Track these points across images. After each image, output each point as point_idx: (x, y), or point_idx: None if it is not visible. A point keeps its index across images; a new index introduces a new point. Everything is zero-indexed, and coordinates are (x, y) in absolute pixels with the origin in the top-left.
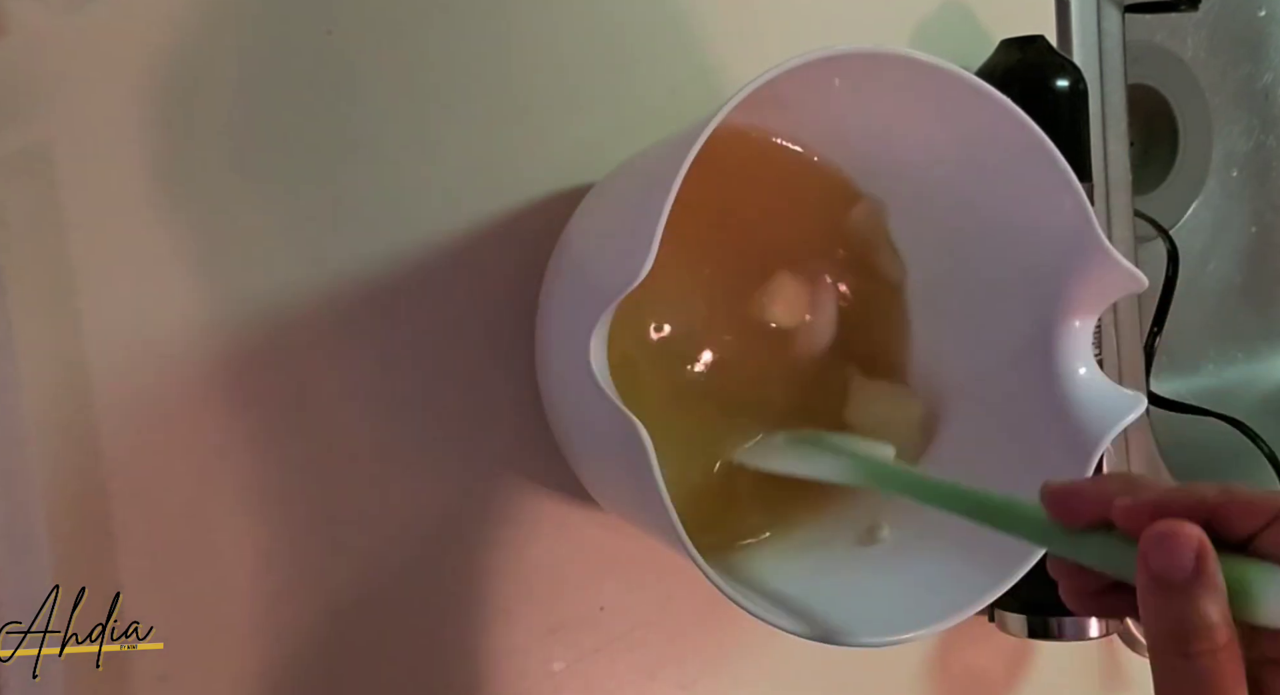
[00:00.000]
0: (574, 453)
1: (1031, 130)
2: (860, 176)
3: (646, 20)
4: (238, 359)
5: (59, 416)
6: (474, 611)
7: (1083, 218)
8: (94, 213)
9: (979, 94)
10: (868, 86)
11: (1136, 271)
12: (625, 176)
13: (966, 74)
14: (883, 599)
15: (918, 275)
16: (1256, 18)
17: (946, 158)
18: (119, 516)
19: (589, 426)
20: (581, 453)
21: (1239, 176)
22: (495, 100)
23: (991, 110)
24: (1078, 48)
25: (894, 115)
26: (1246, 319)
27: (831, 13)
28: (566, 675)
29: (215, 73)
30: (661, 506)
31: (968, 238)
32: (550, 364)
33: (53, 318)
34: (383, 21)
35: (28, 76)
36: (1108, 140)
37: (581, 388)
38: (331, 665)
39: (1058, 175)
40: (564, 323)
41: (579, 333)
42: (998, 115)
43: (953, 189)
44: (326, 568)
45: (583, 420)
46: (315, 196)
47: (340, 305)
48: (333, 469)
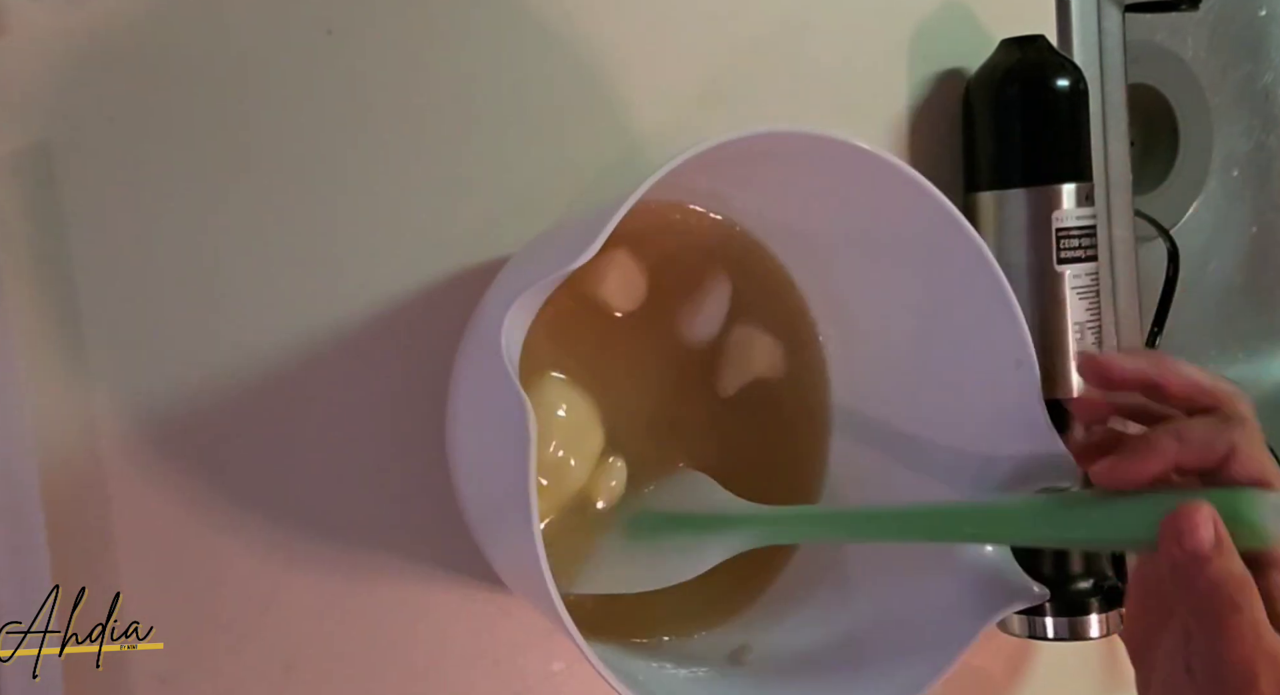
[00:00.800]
0: (475, 518)
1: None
2: (774, 244)
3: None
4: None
5: (59, 417)
6: (477, 610)
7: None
8: (94, 212)
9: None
10: (808, 169)
11: (1066, 455)
12: (542, 243)
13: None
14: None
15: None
16: (1257, 17)
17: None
18: (119, 517)
19: (489, 468)
20: (480, 510)
21: (1239, 176)
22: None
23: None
24: (1078, 47)
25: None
26: (1246, 319)
27: (831, 12)
28: (566, 675)
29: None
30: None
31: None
32: (459, 438)
33: (52, 318)
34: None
35: (28, 76)
36: (1108, 140)
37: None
38: (331, 664)
39: (1003, 307)
40: (476, 385)
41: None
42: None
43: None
44: (327, 565)
45: (486, 474)
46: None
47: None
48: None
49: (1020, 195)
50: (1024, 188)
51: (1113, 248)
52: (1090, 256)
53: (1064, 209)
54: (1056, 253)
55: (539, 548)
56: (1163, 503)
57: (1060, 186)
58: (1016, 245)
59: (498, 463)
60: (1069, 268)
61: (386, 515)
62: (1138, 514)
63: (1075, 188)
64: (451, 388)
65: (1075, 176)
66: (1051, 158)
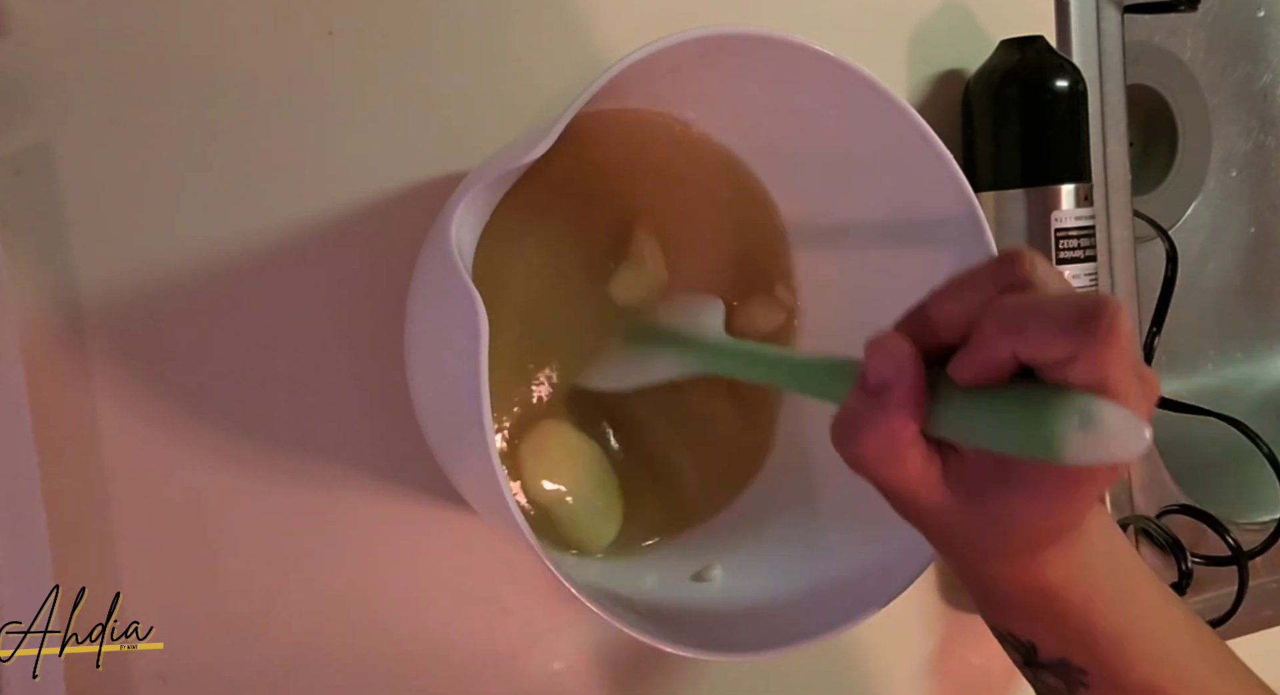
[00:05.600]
0: (433, 431)
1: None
2: (750, 157)
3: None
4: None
5: (61, 416)
6: (475, 608)
7: (967, 207)
8: (94, 212)
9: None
10: (737, 68)
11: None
12: (501, 151)
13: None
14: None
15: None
16: (1255, 18)
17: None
18: (119, 516)
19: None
20: (436, 421)
21: (1238, 176)
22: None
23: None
24: (1077, 48)
25: (770, 96)
26: (1246, 319)
27: (830, 13)
28: (566, 674)
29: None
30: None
31: (857, 226)
32: (417, 347)
33: (54, 318)
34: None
35: (28, 76)
36: (1107, 140)
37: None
38: (331, 665)
39: (941, 165)
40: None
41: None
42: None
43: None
44: (326, 565)
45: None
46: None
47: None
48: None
49: (1019, 195)
50: (1023, 188)
51: (1111, 248)
52: (1089, 257)
53: (1063, 209)
54: (1055, 253)
55: (493, 454)
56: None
57: (1059, 187)
58: (1016, 245)
59: (451, 365)
60: (1068, 268)
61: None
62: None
63: (1074, 188)
64: (409, 299)
65: (1074, 177)
66: (1050, 158)
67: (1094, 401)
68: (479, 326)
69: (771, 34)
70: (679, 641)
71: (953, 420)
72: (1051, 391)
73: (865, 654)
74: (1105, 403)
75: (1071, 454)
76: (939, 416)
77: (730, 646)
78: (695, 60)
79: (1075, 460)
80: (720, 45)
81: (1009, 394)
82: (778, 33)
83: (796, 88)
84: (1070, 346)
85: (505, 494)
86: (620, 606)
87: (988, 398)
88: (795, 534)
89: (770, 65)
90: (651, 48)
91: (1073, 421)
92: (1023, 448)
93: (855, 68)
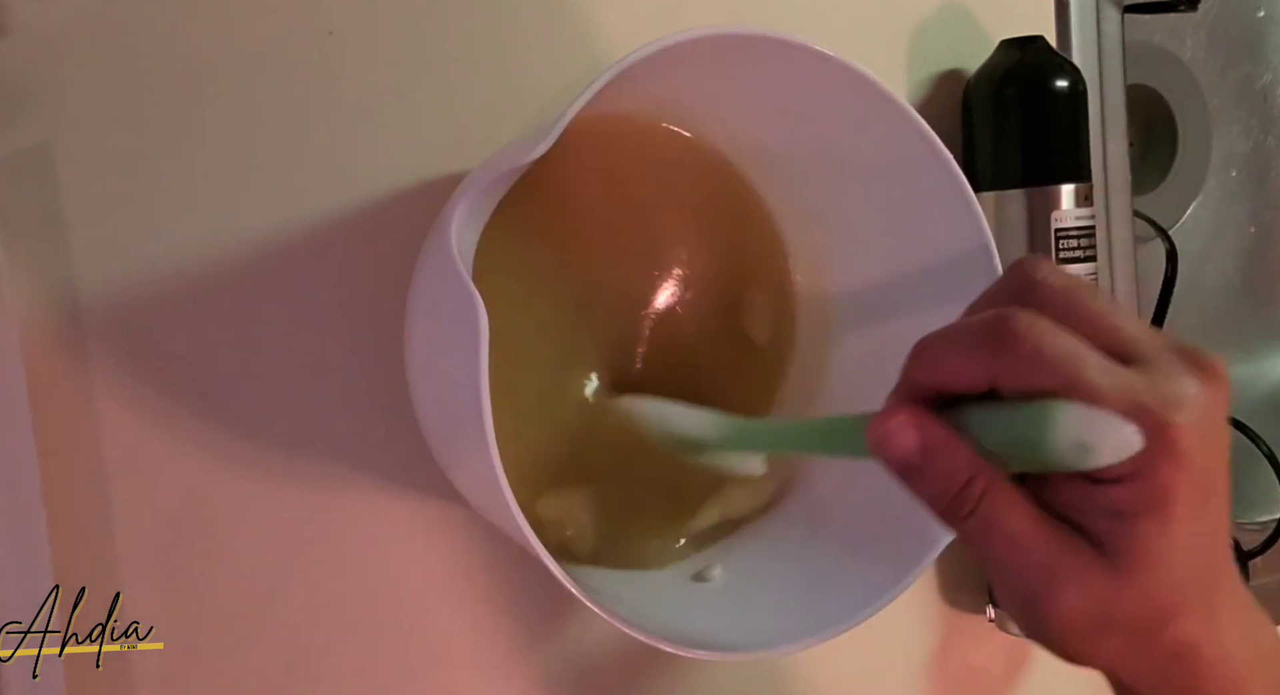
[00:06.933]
0: (437, 440)
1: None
2: (749, 158)
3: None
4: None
5: (61, 417)
6: (475, 608)
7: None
8: (94, 212)
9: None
10: (742, 70)
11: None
12: (501, 151)
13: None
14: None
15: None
16: (1255, 18)
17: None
18: (119, 516)
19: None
20: (439, 424)
21: (1238, 176)
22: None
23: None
24: (1077, 48)
25: (770, 99)
26: (1246, 319)
27: (830, 13)
28: (566, 674)
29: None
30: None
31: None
32: (417, 348)
33: (54, 318)
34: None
35: (28, 76)
36: (1107, 140)
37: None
38: (331, 665)
39: (941, 166)
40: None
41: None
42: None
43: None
44: (326, 563)
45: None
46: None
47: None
48: None
49: (1019, 196)
50: (1023, 188)
51: (1111, 248)
52: (1089, 257)
53: (1063, 209)
54: (1056, 253)
55: (493, 454)
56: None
57: (1059, 187)
58: (1015, 246)
59: (452, 366)
60: (1068, 268)
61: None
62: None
63: (1074, 188)
64: (409, 299)
65: (1074, 177)
66: (1050, 158)
67: (1052, 406)
68: (479, 326)
69: (771, 34)
70: (679, 641)
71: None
72: (1024, 405)
73: (865, 654)
74: (1064, 406)
75: (1062, 460)
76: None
77: (730, 646)
78: (695, 60)
79: (1074, 465)
80: (720, 45)
81: (1001, 412)
82: (777, 33)
83: (796, 88)
84: (982, 369)
85: (506, 494)
86: (620, 606)
87: (992, 419)
88: (795, 534)
89: (770, 65)
90: (651, 48)
91: (1054, 431)
92: (1037, 462)
93: (855, 68)
